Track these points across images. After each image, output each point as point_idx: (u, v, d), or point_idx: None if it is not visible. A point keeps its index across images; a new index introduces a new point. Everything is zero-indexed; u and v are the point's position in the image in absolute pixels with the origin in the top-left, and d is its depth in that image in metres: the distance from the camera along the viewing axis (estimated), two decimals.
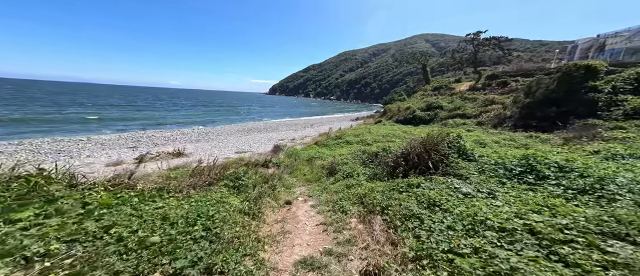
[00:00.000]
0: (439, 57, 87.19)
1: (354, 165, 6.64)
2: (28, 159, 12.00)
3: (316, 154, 9.87)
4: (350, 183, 5.15)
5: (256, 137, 21.31)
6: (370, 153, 6.99)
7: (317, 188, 5.85)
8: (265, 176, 5.81)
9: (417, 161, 4.84)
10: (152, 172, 6.34)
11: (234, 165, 7.13)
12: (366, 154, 7.18)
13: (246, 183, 4.94)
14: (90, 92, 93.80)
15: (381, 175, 5.24)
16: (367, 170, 5.91)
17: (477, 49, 29.88)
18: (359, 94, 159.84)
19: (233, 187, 4.66)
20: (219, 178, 4.90)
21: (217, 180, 4.82)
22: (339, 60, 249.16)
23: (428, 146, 4.99)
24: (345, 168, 6.48)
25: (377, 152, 6.73)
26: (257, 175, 5.63)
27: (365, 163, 6.68)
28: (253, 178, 5.38)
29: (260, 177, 5.63)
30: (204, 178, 4.67)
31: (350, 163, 6.91)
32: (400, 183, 4.26)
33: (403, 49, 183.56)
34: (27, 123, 23.82)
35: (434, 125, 14.75)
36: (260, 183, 5.13)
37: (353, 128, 17.79)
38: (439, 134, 5.42)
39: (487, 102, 15.27)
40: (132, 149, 15.80)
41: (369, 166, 6.38)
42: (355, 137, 13.12)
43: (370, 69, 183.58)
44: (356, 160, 7.06)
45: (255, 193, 4.43)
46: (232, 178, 4.92)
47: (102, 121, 28.64)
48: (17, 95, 54.21)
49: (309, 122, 35.11)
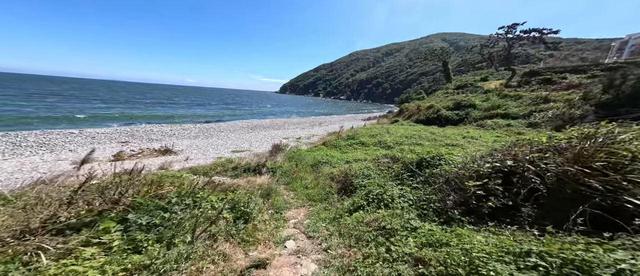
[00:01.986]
0: (458, 56, 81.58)
1: (380, 179, 4.36)
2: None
3: (324, 158, 7.68)
4: (385, 220, 2.84)
5: (259, 135, 19.50)
6: (406, 163, 4.61)
7: (322, 216, 3.65)
8: (235, 197, 3.58)
9: (543, 189, 2.42)
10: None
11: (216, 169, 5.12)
12: (400, 164, 4.80)
13: (177, 218, 2.60)
14: (109, 88, 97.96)
15: (444, 209, 2.87)
16: (408, 192, 3.59)
17: (511, 44, 26.03)
18: (370, 94, 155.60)
19: (142, 229, 2.41)
20: (126, 206, 2.65)
21: (120, 208, 2.62)
22: (350, 60, 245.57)
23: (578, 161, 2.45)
24: (367, 184, 4.22)
25: (421, 162, 4.32)
26: (216, 198, 3.34)
27: (399, 178, 4.34)
28: (203, 205, 3.03)
29: (220, 199, 3.35)
30: (80, 206, 2.51)
31: (374, 175, 4.63)
32: (531, 246, 1.83)
33: (418, 48, 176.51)
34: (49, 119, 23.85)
35: (468, 126, 12.06)
36: (214, 216, 2.77)
37: (367, 127, 15.39)
38: (587, 139, 2.69)
39: (539, 100, 12.25)
40: (122, 143, 14.50)
41: (407, 183, 4.04)
42: (372, 138, 10.77)
43: (382, 68, 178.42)
44: (383, 172, 4.76)
45: (182, 251, 2.18)
46: (149, 210, 2.64)
47: (106, 116, 28.27)
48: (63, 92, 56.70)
49: (317, 121, 33.00)
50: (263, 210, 3.63)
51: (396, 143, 9.22)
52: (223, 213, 2.80)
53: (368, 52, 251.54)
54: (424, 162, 4.29)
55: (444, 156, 4.11)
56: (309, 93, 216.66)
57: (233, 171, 6.92)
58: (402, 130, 12.00)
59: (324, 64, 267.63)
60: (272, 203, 4.25)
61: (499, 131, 9.69)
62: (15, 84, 71.01)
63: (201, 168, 7.31)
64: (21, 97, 39.07)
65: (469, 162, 3.33)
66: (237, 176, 6.62)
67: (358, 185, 4.30)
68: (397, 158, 5.17)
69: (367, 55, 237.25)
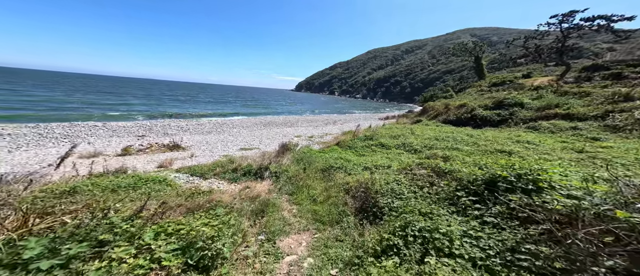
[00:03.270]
0: (490, 52, 73.49)
1: (421, 201, 3.02)
2: (27, 143, 11.35)
3: (337, 161, 6.47)
4: None
5: (271, 132, 18.85)
6: (463, 181, 3.06)
7: (333, 254, 2.49)
8: (195, 228, 2.42)
9: None
10: None
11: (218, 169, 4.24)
12: (451, 181, 3.27)
13: None
14: (140, 85, 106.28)
15: None
16: (480, 231, 2.19)
17: (567, 34, 21.93)
18: (388, 93, 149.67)
19: None
20: None
21: None
22: (367, 58, 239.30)
23: None
24: (401, 207, 2.94)
25: (494, 181, 2.73)
26: (155, 233, 2.05)
27: (454, 202, 2.89)
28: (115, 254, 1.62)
29: (165, 234, 2.07)
30: None
31: (408, 193, 3.32)
32: None
33: (442, 44, 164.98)
34: (82, 109, 25.95)
35: (514, 129, 9.91)
36: None
37: (387, 127, 13.79)
38: None
39: (617, 98, 9.54)
40: (138, 138, 14.70)
41: (472, 214, 2.61)
42: (393, 139, 9.27)
43: (401, 66, 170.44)
44: (423, 190, 3.38)
45: None
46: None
47: (132, 111, 29.91)
48: (113, 89, 62.83)
49: (331, 119, 31.73)
50: (248, 239, 2.57)
51: (425, 147, 7.65)
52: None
53: (387, 49, 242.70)
54: (501, 181, 2.69)
55: (544, 174, 2.47)
56: (324, 91, 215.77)
57: (232, 173, 6.04)
58: (430, 132, 10.28)
59: (340, 62, 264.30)
60: (266, 225, 3.18)
61: (562, 135, 7.59)
62: (54, 80, 79.53)
63: (199, 168, 6.55)
64: (60, 91, 43.40)
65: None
66: (235, 180, 5.72)
67: (386, 208, 3.03)
68: (441, 169, 3.73)
69: (386, 53, 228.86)
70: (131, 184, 3.75)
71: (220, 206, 2.97)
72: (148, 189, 3.64)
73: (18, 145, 11.10)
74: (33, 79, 75.14)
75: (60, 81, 79.13)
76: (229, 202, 3.39)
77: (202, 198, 3.17)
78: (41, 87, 48.16)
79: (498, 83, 24.29)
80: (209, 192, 3.88)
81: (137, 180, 3.93)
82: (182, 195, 3.48)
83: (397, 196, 3.23)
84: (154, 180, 4.11)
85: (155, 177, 4.27)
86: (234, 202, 3.41)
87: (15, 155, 9.29)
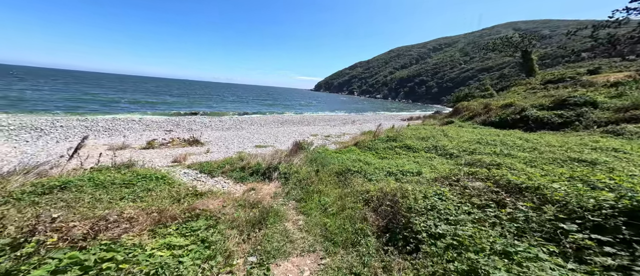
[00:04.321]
0: (540, 47, 63.17)
1: (490, 231, 2.05)
2: (69, 135, 12.63)
3: (355, 164, 5.65)
4: None
5: (287, 130, 18.62)
6: (578, 210, 1.87)
7: None
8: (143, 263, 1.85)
9: None
10: None
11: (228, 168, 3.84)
12: (561, 211, 2.07)
13: None
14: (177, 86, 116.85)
15: None
16: None
17: None
18: (411, 93, 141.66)
19: None
20: None
21: None
22: (389, 57, 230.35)
23: None
24: (447, 233, 2.03)
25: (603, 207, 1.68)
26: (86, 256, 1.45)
27: (554, 240, 1.74)
28: None
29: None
30: None
31: (460, 216, 2.36)
32: None
33: (477, 41, 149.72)
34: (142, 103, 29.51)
35: (584, 133, 7.84)
36: None
37: (412, 127, 12.41)
38: None
39: None
40: (166, 132, 15.59)
41: (597, 264, 1.51)
42: (422, 141, 8.07)
43: (428, 65, 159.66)
44: (489, 214, 2.35)
45: None
46: None
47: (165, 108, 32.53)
48: (157, 90, 70.88)
49: (350, 118, 30.60)
50: (232, 263, 1.96)
51: (463, 151, 6.37)
52: None
53: (411, 47, 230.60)
54: None
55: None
56: (343, 91, 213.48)
57: (240, 172, 5.62)
58: (468, 134, 8.78)
59: (360, 62, 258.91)
60: (262, 241, 2.55)
61: None
62: (113, 82, 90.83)
63: (209, 165, 6.29)
64: (114, 90, 49.29)
65: None
66: (242, 179, 5.28)
67: (424, 233, 2.14)
68: (511, 182, 2.63)
69: (410, 52, 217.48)
70: (127, 180, 3.48)
71: (204, 216, 2.41)
72: (141, 187, 3.32)
73: (66, 136, 12.40)
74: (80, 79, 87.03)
75: (114, 81, 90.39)
76: (216, 209, 2.83)
77: (178, 208, 2.63)
78: (93, 86, 55.33)
79: (554, 80, 20.56)
80: (201, 195, 3.40)
81: (136, 176, 3.67)
82: (174, 196, 3.06)
83: (441, 217, 2.31)
84: (151, 177, 3.81)
85: (154, 174, 3.98)
86: (225, 211, 2.85)
87: (63, 145, 10.27)
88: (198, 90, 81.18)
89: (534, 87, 18.89)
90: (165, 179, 3.84)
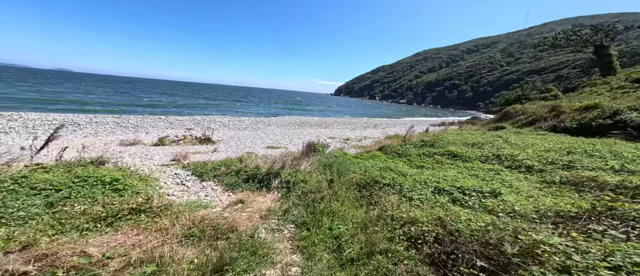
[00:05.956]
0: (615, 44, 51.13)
1: None
2: (103, 130, 13.29)
3: (385, 174, 4.10)
4: None
5: (303, 132, 17.57)
6: None
7: None
8: None
9: None
10: None
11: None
12: None
13: None
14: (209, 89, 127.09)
15: None
16: None
17: None
18: (440, 98, 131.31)
19: None
20: None
21: None
22: (415, 60, 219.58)
23: None
24: None
25: None
26: None
27: None
28: None
29: None
30: None
31: None
32: None
33: (524, 40, 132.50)
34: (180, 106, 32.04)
35: None
36: None
37: (454, 132, 10.20)
38: None
39: None
40: (186, 129, 15.78)
41: None
42: (471, 148, 6.09)
43: (460, 68, 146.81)
44: None
45: None
46: None
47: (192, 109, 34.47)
48: (193, 93, 78.60)
49: (371, 122, 28.48)
50: None
51: (550, 163, 4.33)
52: None
53: (441, 50, 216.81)
54: None
55: None
56: (364, 96, 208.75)
57: (234, 177, 4.49)
58: (540, 141, 6.47)
59: (383, 66, 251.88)
60: None
61: None
62: (150, 86, 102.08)
63: (203, 165, 5.34)
64: (155, 93, 54.70)
65: None
66: (233, 187, 4.12)
67: None
68: None
69: (439, 54, 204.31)
70: (63, 183, 2.56)
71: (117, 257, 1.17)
72: (79, 192, 2.35)
73: (97, 131, 13.07)
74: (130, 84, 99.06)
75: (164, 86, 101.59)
76: (153, 245, 1.57)
77: (75, 245, 1.47)
78: (147, 92, 62.09)
79: None
80: (145, 212, 2.25)
81: (93, 177, 2.75)
82: (96, 215, 1.99)
83: None
84: (102, 179, 2.84)
85: (105, 177, 2.99)
86: (164, 250, 1.62)
87: (85, 140, 10.59)
88: (225, 94, 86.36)
89: (622, 87, 14.45)
90: (117, 183, 2.83)
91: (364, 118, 36.88)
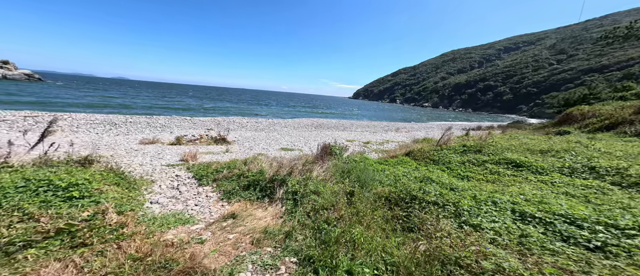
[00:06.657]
0: None
1: None
2: (130, 129, 14.16)
3: (420, 186, 3.02)
4: None
5: (320, 134, 16.79)
6: None
7: None
8: None
9: None
10: None
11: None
12: None
13: None
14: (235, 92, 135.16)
15: None
16: None
17: None
18: (471, 101, 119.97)
19: None
20: None
21: None
22: (442, 61, 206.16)
23: None
24: None
25: None
26: None
27: None
28: None
29: None
30: None
31: None
32: None
33: (580, 35, 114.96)
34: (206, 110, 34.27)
35: None
36: None
37: (508, 136, 8.44)
38: None
39: None
40: (207, 130, 16.20)
41: None
42: (539, 156, 4.60)
43: (497, 68, 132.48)
44: None
45: None
46: None
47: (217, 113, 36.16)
48: (220, 97, 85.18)
49: (394, 126, 26.54)
50: None
51: None
52: None
53: (472, 49, 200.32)
54: None
55: None
56: (384, 99, 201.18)
57: (233, 182, 3.82)
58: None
59: (404, 68, 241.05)
60: None
61: None
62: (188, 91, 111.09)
63: (205, 168, 4.82)
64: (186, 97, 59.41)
65: None
66: (231, 195, 3.43)
67: None
68: None
69: (470, 54, 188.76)
70: (20, 187, 2.09)
71: None
72: (11, 201, 1.83)
73: (128, 130, 13.95)
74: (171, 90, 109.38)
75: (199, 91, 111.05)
76: None
77: None
78: (185, 96, 67.93)
79: None
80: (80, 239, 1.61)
81: (46, 180, 2.29)
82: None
83: None
84: (58, 186, 2.31)
85: (69, 182, 2.46)
86: None
87: (116, 138, 11.21)
88: (249, 98, 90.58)
89: None
90: (74, 189, 2.25)
91: (384, 121, 34.85)
